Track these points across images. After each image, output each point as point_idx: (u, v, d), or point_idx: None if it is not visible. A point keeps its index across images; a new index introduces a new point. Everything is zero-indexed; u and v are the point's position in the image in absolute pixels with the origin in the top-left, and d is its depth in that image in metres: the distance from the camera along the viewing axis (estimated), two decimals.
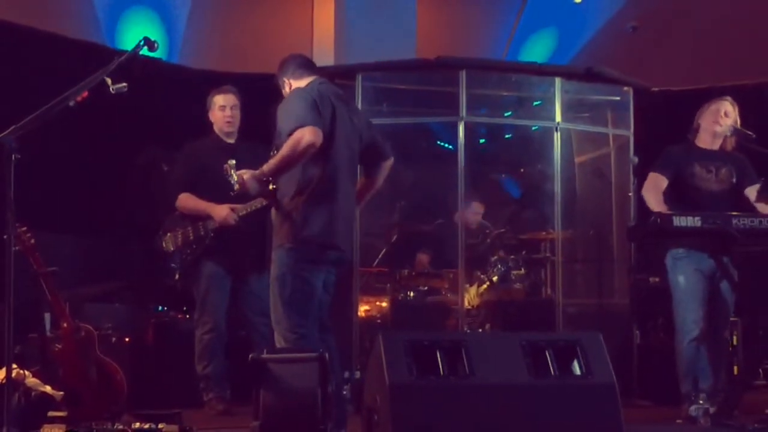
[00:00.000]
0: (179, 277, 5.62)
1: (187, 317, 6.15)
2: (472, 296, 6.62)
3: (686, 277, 5.21)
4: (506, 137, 7.61)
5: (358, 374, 5.76)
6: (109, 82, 3.90)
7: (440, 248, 7.07)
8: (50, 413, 4.51)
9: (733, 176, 5.37)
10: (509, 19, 9.85)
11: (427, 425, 3.76)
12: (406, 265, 6.98)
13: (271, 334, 4.41)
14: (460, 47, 8.73)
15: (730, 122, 5.36)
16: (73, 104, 3.83)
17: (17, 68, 6.55)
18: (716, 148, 5.43)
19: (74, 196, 6.75)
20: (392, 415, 3.71)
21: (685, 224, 4.93)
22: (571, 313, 6.56)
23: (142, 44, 4.00)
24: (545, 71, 7.01)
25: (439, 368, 3.86)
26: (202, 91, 5.89)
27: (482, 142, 7.53)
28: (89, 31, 8.02)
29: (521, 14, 9.81)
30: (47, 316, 5.18)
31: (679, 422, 5.14)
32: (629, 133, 6.86)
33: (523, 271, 6.84)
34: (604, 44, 9.68)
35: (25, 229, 4.72)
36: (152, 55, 4.21)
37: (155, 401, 5.08)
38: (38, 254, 4.79)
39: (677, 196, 5.31)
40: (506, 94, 7.20)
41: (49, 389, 4.70)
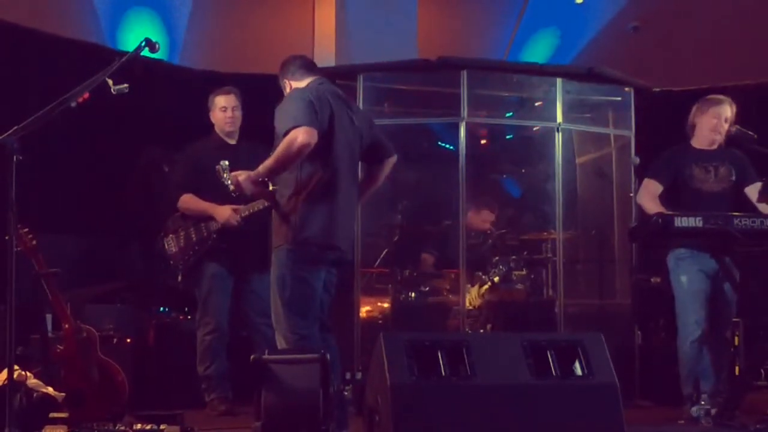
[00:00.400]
0: (182, 278, 5.63)
1: (188, 318, 6.15)
2: (473, 297, 6.61)
3: (689, 277, 5.21)
4: (507, 138, 7.60)
5: (359, 375, 5.75)
6: (110, 83, 3.92)
7: (443, 249, 7.05)
8: (52, 414, 4.51)
9: (732, 174, 5.36)
10: (510, 19, 9.83)
11: (428, 426, 3.76)
12: (408, 265, 6.97)
13: (272, 334, 4.41)
14: (461, 48, 8.70)
15: (731, 127, 5.34)
16: (74, 105, 3.84)
17: (18, 69, 6.55)
18: (714, 147, 5.42)
19: (76, 196, 6.76)
20: (393, 415, 3.71)
21: (686, 225, 4.93)
22: (572, 313, 6.54)
23: (143, 45, 4.01)
24: (546, 71, 6.99)
25: (440, 369, 3.87)
26: (203, 91, 5.89)
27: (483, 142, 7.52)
28: (90, 32, 8.00)
29: (522, 14, 9.80)
30: (49, 317, 5.20)
31: (680, 423, 5.14)
32: (630, 133, 6.85)
33: (524, 271, 6.82)
34: (605, 44, 9.65)
35: (26, 229, 4.72)
36: (153, 56, 4.21)
37: (157, 402, 5.09)
38: (40, 255, 4.79)
39: (678, 198, 5.31)
40: (507, 94, 7.19)
41: (50, 390, 4.71)
